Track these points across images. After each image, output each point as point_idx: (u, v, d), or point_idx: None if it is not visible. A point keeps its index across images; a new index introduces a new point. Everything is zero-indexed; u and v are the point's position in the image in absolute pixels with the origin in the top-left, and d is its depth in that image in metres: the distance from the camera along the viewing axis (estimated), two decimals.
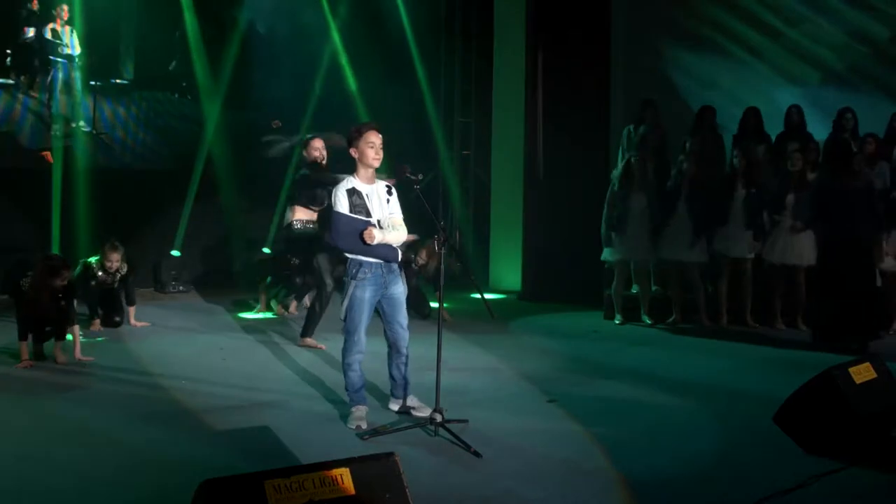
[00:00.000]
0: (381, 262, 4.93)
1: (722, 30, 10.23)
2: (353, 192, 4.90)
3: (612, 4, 10.38)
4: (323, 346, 7.02)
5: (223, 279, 10.37)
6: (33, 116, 9.61)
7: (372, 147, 4.91)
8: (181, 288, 9.95)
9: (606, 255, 8.53)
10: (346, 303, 4.94)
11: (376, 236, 4.82)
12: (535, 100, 10.35)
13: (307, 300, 8.87)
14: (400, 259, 5.06)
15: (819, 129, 8.95)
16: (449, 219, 11.77)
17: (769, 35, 10.04)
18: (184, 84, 10.66)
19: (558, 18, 10.20)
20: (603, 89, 10.24)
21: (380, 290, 4.96)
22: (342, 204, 4.86)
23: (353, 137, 4.95)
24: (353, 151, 4.96)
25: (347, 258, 4.96)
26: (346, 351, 4.99)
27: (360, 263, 4.90)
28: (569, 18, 10.13)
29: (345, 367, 5.01)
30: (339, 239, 4.92)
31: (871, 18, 9.56)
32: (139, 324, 7.89)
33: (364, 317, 4.94)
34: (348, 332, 4.96)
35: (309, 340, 7.11)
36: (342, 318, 4.99)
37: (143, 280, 9.34)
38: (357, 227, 4.83)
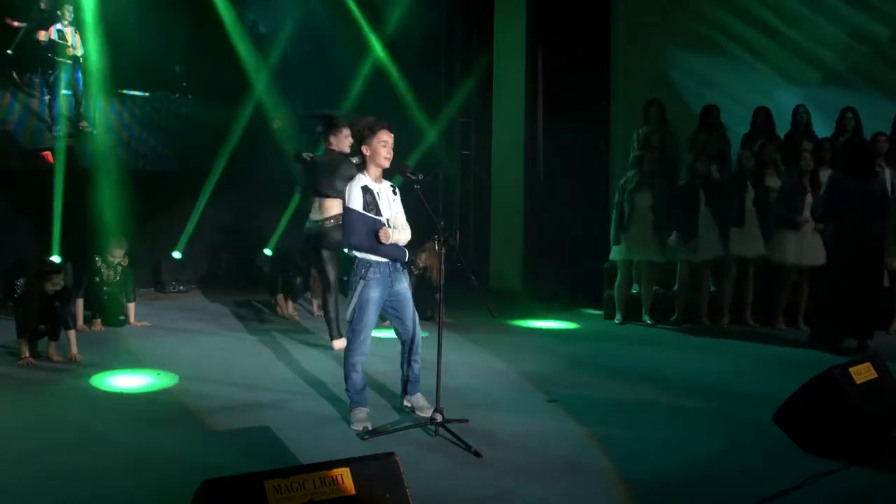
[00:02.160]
0: (389, 261, 4.94)
1: (722, 30, 10.22)
2: (366, 190, 4.89)
3: (611, 5, 10.38)
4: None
5: (223, 279, 10.37)
6: (34, 117, 9.61)
7: (385, 146, 4.89)
8: (181, 288, 9.96)
9: (614, 254, 8.50)
10: (353, 302, 4.91)
11: (391, 236, 4.84)
12: (535, 100, 10.35)
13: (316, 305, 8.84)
14: (406, 259, 5.07)
15: (820, 130, 8.95)
16: (449, 219, 11.76)
17: (769, 35, 10.03)
18: (185, 84, 10.67)
19: (558, 19, 10.21)
20: (603, 89, 10.24)
21: (387, 290, 4.97)
22: (357, 201, 4.85)
23: (366, 135, 4.90)
24: (364, 149, 4.91)
25: (355, 257, 4.94)
26: (350, 351, 4.97)
27: (370, 263, 4.89)
28: (569, 19, 10.14)
29: (348, 368, 4.98)
30: (353, 236, 4.87)
31: (871, 18, 9.55)
32: (139, 323, 7.90)
33: (372, 317, 4.93)
34: (354, 332, 4.94)
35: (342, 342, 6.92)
36: (348, 318, 4.96)
37: (143, 280, 9.34)
38: (370, 226, 4.83)
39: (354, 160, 5.41)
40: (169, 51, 10.35)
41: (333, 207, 6.67)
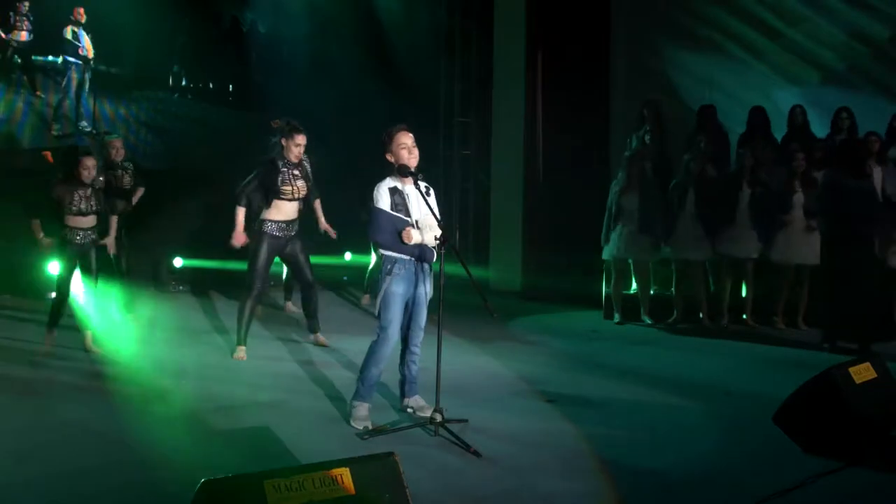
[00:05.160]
0: (416, 260, 4.98)
1: (722, 30, 10.22)
2: (394, 192, 4.96)
3: (612, 5, 10.38)
4: (327, 344, 7.11)
5: (222, 278, 10.36)
6: (34, 116, 9.62)
7: (404, 148, 4.96)
8: (181, 288, 9.94)
9: (605, 253, 8.53)
10: (380, 298, 4.99)
11: (414, 237, 4.88)
12: (535, 100, 10.35)
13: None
14: (434, 259, 5.09)
15: (819, 129, 8.95)
16: (449, 219, 11.76)
17: (769, 35, 10.03)
18: (184, 84, 10.67)
19: (558, 19, 10.21)
20: (603, 89, 10.23)
21: (411, 288, 5.00)
22: (384, 201, 4.93)
23: (385, 142, 5.02)
24: (388, 156, 5.02)
25: (382, 255, 5.02)
26: (376, 345, 5.00)
27: (395, 260, 4.95)
28: (569, 19, 10.13)
29: (369, 359, 4.99)
30: (379, 235, 4.98)
31: (871, 18, 9.55)
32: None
33: (398, 312, 4.97)
34: (382, 328, 4.99)
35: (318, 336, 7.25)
36: (377, 314, 5.03)
37: (142, 280, 9.33)
38: (396, 226, 4.89)
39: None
40: (168, 51, 10.36)
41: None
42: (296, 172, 6.74)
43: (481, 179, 11.74)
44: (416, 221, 4.96)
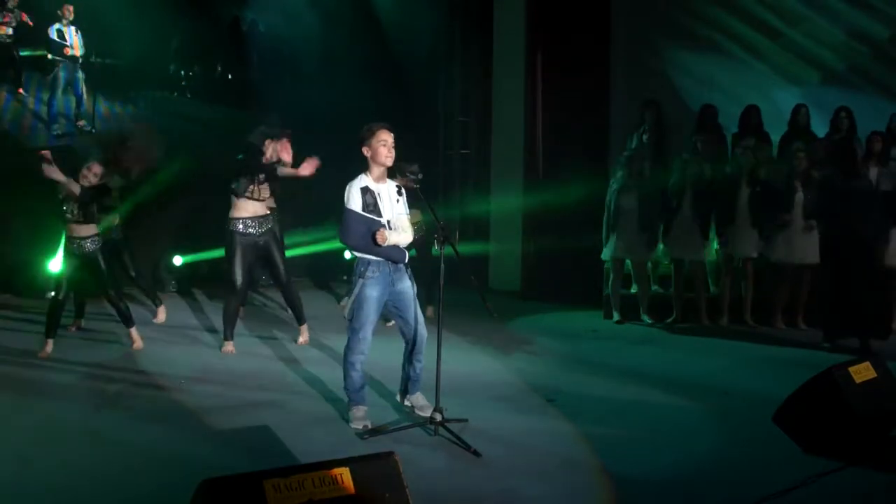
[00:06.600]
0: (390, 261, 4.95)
1: (722, 30, 10.23)
2: (366, 191, 4.90)
3: (612, 4, 10.38)
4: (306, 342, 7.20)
5: (221, 277, 10.35)
6: (32, 116, 9.61)
7: (384, 145, 4.91)
8: (180, 287, 9.94)
9: (604, 253, 8.55)
10: (352, 300, 4.95)
11: (389, 238, 4.84)
12: (535, 100, 10.34)
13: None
14: (406, 260, 5.07)
15: (819, 130, 8.96)
16: (449, 218, 11.75)
17: (769, 35, 10.04)
18: (183, 84, 10.67)
19: (558, 18, 10.20)
20: (603, 90, 10.23)
21: (388, 289, 4.98)
22: (356, 202, 4.87)
23: (366, 136, 4.94)
24: (365, 150, 4.95)
25: (356, 256, 4.98)
26: (349, 350, 4.98)
27: (369, 262, 4.91)
28: (569, 18, 10.12)
29: (346, 367, 4.99)
30: (350, 237, 4.92)
31: (871, 18, 9.56)
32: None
33: (371, 316, 4.94)
34: (353, 331, 4.95)
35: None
36: (347, 316, 4.98)
37: (141, 279, 9.31)
38: (369, 227, 4.85)
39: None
40: (167, 50, 10.35)
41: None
42: (261, 176, 6.77)
43: (481, 179, 11.74)
44: (389, 221, 4.92)
